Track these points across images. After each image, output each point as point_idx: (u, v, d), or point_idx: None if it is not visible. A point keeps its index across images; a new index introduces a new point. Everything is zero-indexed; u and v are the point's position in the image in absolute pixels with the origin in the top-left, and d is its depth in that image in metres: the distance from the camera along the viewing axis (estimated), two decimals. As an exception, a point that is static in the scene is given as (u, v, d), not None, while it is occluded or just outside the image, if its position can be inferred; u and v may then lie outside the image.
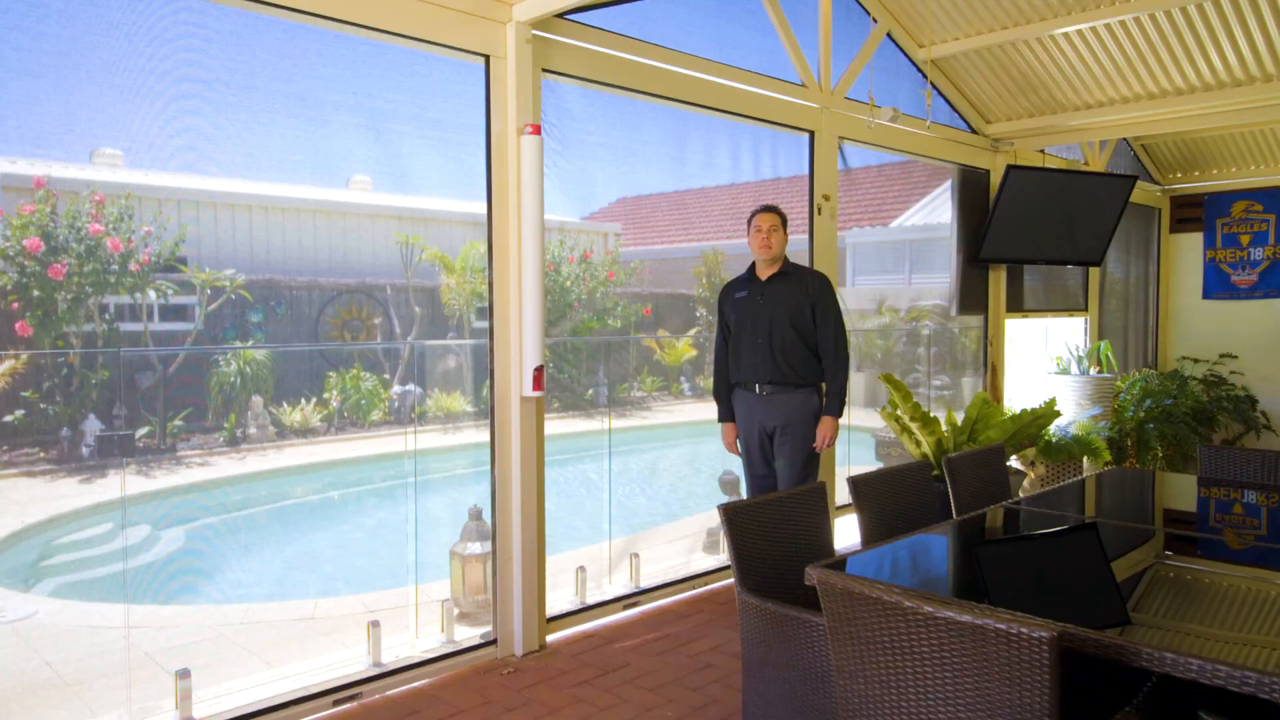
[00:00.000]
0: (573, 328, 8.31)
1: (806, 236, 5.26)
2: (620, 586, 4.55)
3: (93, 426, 5.63)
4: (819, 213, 5.22)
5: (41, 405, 5.35)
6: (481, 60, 3.70)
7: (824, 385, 4.18)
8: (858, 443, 7.00)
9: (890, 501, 3.29)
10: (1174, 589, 2.57)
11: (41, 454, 5.57)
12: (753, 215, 4.21)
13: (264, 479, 7.31)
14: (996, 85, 6.15)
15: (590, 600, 4.34)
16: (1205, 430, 7.77)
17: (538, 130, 3.68)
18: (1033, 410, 5.32)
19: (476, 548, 4.17)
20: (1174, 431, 7.05)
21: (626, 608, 4.36)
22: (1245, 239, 8.57)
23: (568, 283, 8.72)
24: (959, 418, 5.96)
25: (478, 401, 8.13)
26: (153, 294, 5.75)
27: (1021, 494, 5.25)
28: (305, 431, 7.79)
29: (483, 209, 3.75)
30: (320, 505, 7.43)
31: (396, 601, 4.47)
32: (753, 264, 4.27)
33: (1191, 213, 8.86)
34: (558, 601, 4.21)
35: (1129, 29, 5.38)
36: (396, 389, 8.61)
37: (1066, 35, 5.53)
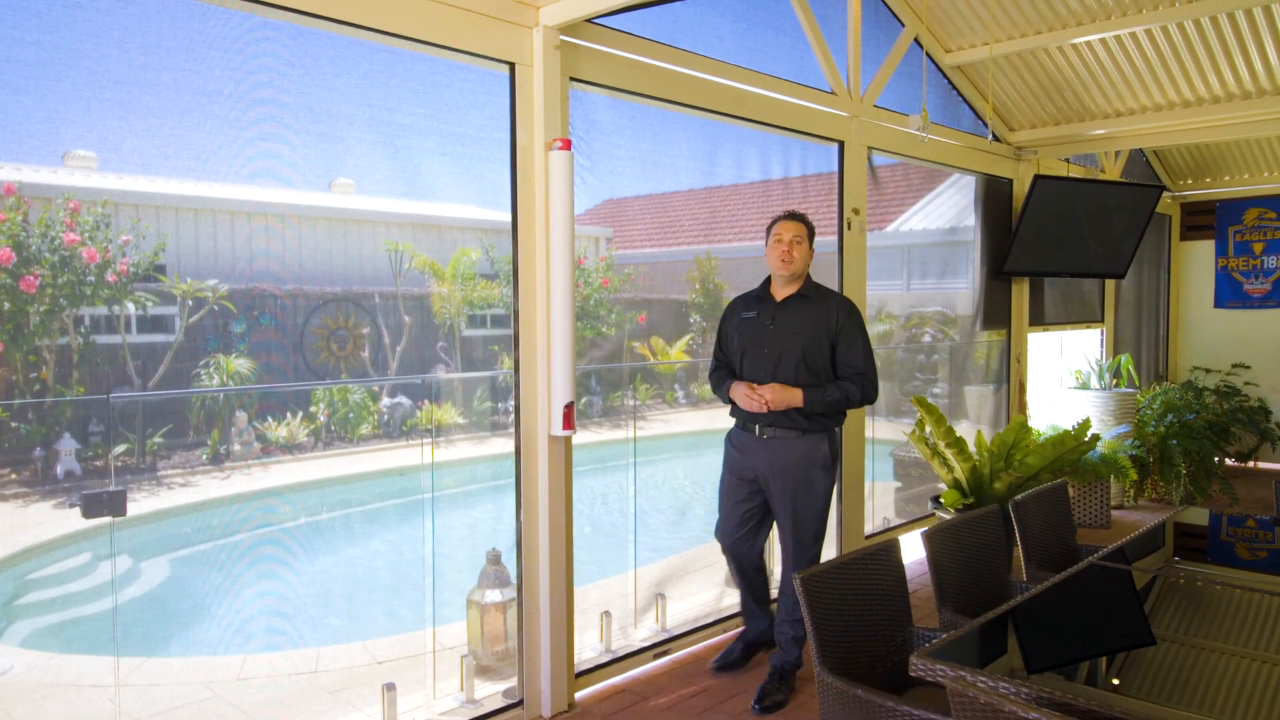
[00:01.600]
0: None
1: (835, 249, 4.99)
2: (647, 630, 4.25)
3: (68, 445, 5.30)
4: (849, 227, 4.94)
5: (13, 424, 5.02)
6: (506, 68, 3.38)
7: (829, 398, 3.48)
8: (878, 457, 6.73)
9: (963, 552, 3.02)
10: (1185, 597, 2.65)
11: (13, 476, 5.22)
12: (773, 223, 3.57)
13: (251, 500, 6.94)
14: (1024, 92, 5.91)
15: (617, 648, 4.04)
16: (1222, 444, 7.59)
17: (568, 145, 3.37)
18: (1074, 434, 5.06)
19: (496, 595, 3.85)
20: (1197, 447, 6.85)
21: (657, 656, 4.06)
22: (1258, 247, 8.41)
23: (562, 290, 8.40)
24: (987, 436, 5.72)
25: (469, 413, 7.80)
26: (131, 306, 5.41)
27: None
28: (292, 447, 7.44)
29: (474, 214, 3.44)
30: (312, 529, 7.07)
31: (407, 650, 4.14)
32: (767, 279, 3.66)
33: (1203, 220, 8.70)
34: (582, 650, 3.91)
35: (1169, 35, 5.15)
36: (385, 401, 8.28)
37: (1104, 41, 5.29)
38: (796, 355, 3.47)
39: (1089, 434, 5.17)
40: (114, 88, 2.53)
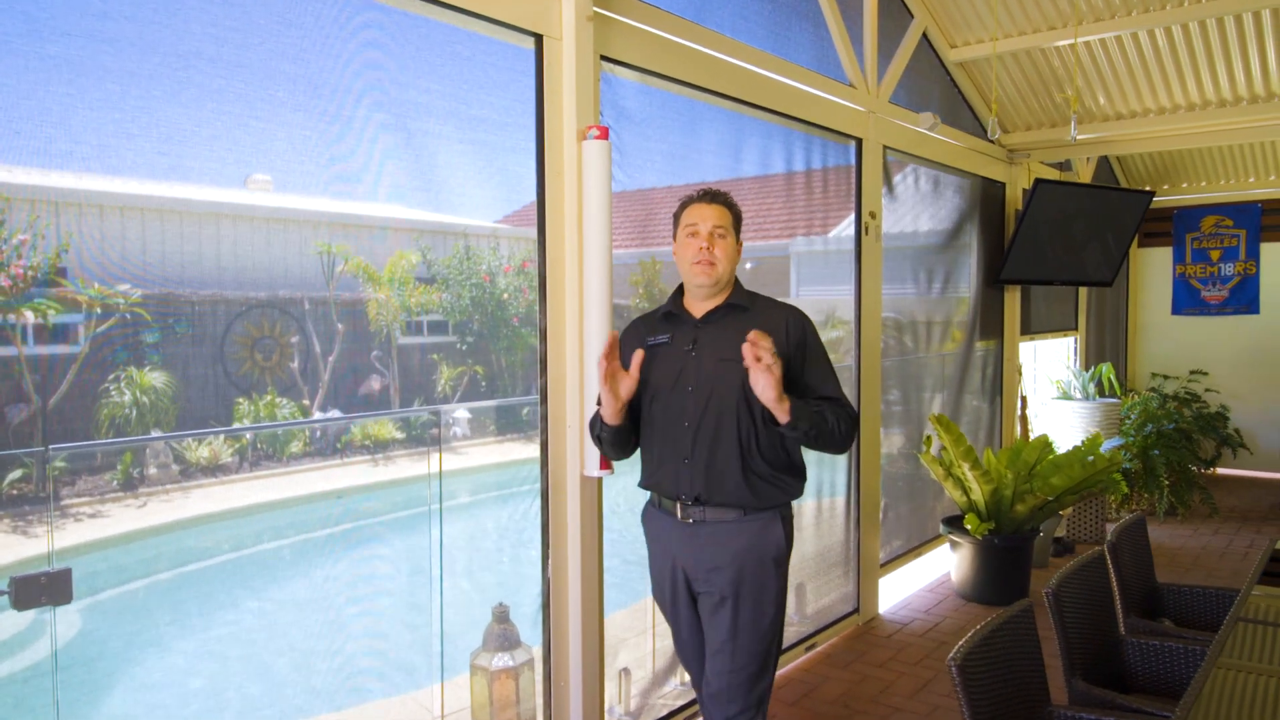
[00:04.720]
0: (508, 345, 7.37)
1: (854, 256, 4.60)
2: (669, 687, 3.75)
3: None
4: (866, 232, 4.56)
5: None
6: (531, 42, 2.85)
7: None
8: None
9: (1083, 601, 2.64)
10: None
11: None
12: (683, 206, 2.46)
13: (172, 531, 6.12)
14: (1024, 91, 5.65)
15: (637, 710, 3.53)
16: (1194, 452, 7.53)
17: (605, 134, 2.86)
18: (1084, 449, 4.79)
19: (506, 659, 3.29)
20: (1177, 458, 6.73)
21: (686, 720, 3.57)
22: (1215, 254, 8.43)
23: (505, 295, 7.87)
24: (979, 452, 5.42)
25: (408, 427, 7.15)
26: (30, 314, 4.67)
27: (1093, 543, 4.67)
28: (215, 469, 6.66)
29: (411, 215, 2.94)
30: (252, 564, 6.29)
31: (393, 722, 3.55)
32: (678, 290, 2.54)
33: (1160, 227, 8.68)
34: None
35: (1190, 33, 4.95)
36: (318, 416, 7.52)
37: (1119, 39, 5.04)
38: (735, 392, 2.32)
39: (1102, 448, 4.92)
40: (61, 41, 1.91)
